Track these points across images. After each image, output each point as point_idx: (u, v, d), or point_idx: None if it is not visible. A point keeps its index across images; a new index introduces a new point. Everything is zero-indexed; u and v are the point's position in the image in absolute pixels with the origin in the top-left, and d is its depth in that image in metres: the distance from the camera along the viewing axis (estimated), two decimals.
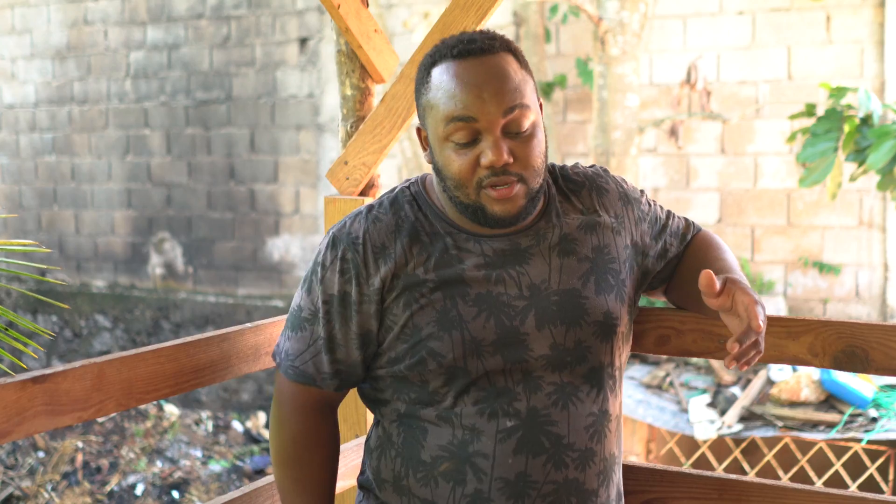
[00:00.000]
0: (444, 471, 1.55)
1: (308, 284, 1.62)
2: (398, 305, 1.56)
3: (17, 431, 1.47)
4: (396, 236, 1.58)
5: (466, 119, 1.49)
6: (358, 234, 1.58)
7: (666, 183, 6.26)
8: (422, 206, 1.62)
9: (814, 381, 4.68)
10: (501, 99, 1.50)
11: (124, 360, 1.65)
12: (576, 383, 1.58)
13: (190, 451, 6.62)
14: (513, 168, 1.51)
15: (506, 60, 1.53)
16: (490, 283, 1.56)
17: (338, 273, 1.58)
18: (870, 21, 5.70)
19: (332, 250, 1.59)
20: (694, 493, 1.90)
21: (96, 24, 8.22)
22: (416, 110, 1.61)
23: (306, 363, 1.61)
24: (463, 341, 1.53)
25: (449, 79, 1.52)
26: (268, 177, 7.59)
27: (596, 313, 1.60)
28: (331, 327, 1.59)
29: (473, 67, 1.51)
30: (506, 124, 1.50)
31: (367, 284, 1.56)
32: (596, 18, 5.25)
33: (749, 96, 6.00)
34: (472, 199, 1.53)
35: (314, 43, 7.35)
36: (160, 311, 8.05)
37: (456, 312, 1.54)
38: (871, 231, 5.77)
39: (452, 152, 1.52)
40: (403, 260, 1.56)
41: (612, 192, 1.71)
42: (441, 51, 1.56)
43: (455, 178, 1.53)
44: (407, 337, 1.55)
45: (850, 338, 1.76)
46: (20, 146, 8.68)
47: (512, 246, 1.59)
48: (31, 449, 6.41)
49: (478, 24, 2.16)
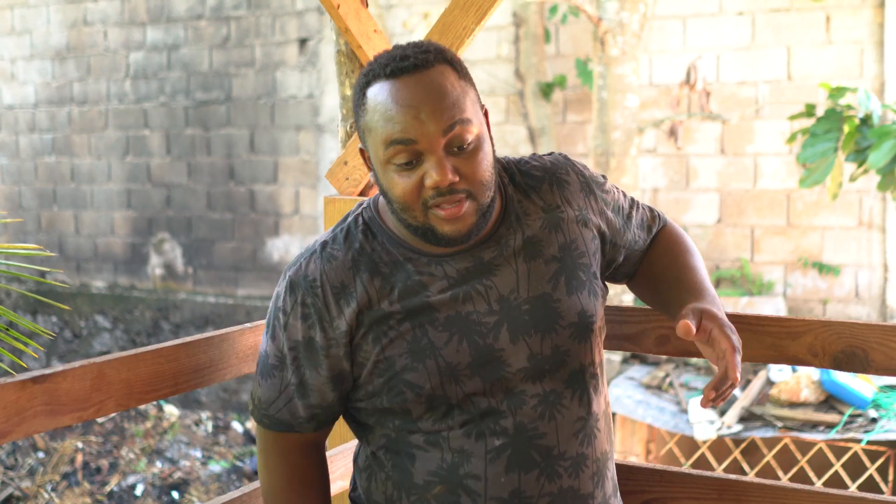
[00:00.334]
0: (437, 494, 1.53)
1: (272, 331, 1.57)
2: (367, 342, 1.52)
3: (16, 431, 1.47)
4: (355, 273, 1.53)
5: (406, 142, 1.44)
6: (315, 277, 1.53)
7: (665, 183, 6.26)
8: (377, 233, 1.57)
9: (813, 382, 4.68)
10: (440, 117, 1.43)
11: (124, 361, 1.64)
12: (559, 390, 1.55)
13: (190, 452, 6.62)
14: (459, 185, 1.45)
15: (442, 74, 1.47)
16: (458, 303, 1.52)
17: (300, 319, 1.53)
18: (869, 21, 5.70)
19: (292, 295, 1.54)
20: (693, 494, 1.90)
21: (96, 25, 8.22)
22: (357, 131, 1.55)
23: (280, 410, 1.58)
24: (438, 369, 1.50)
25: (384, 100, 1.46)
26: (267, 177, 7.59)
27: (570, 315, 1.57)
28: (301, 373, 1.55)
29: (408, 86, 1.45)
30: (447, 142, 1.44)
31: (332, 328, 1.52)
32: (595, 19, 5.25)
33: (749, 97, 6.00)
34: (420, 221, 1.48)
35: (314, 43, 7.35)
36: (160, 311, 8.04)
37: (427, 340, 1.50)
38: (870, 231, 5.77)
39: (395, 175, 1.47)
40: (366, 297, 1.52)
41: (574, 182, 1.65)
42: (374, 70, 1.49)
43: (400, 200, 1.47)
44: (382, 371, 1.52)
45: (850, 338, 1.76)
46: (20, 147, 8.68)
47: (475, 261, 1.54)
48: (30, 449, 6.41)
49: (478, 23, 2.16)
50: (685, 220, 6.20)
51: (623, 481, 1.95)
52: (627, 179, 5.38)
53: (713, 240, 6.14)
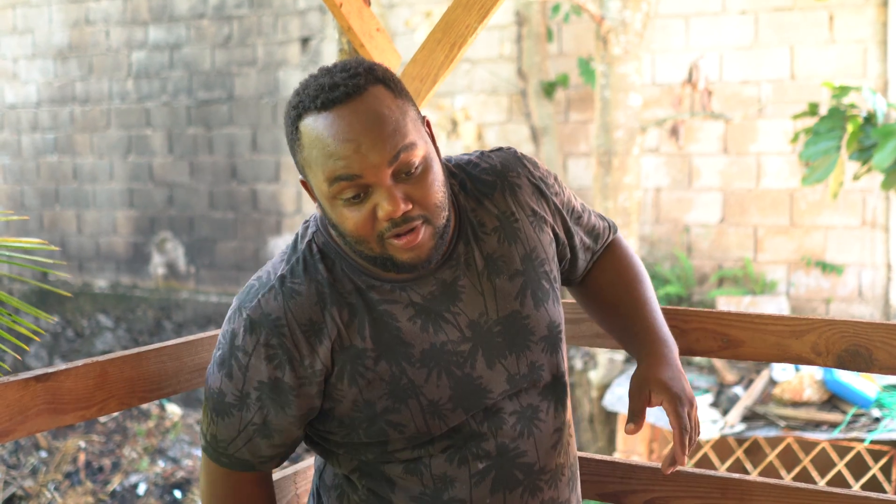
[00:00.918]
0: None
1: (228, 369, 1.45)
2: (342, 382, 1.44)
3: (19, 430, 1.47)
4: (322, 308, 1.43)
5: (350, 178, 1.35)
6: (279, 315, 1.42)
7: (668, 183, 6.25)
8: (335, 259, 1.47)
9: (816, 381, 4.68)
10: (382, 148, 1.35)
11: (127, 359, 1.64)
12: (535, 403, 1.54)
13: (192, 451, 6.62)
14: (413, 213, 1.38)
15: (377, 98, 1.38)
16: (430, 334, 1.46)
17: (264, 360, 1.42)
18: (873, 20, 5.70)
19: (252, 335, 1.42)
20: (697, 493, 1.90)
21: (98, 24, 8.22)
22: (296, 163, 1.45)
23: (240, 450, 1.49)
24: (421, 408, 1.45)
25: (319, 135, 1.37)
26: (269, 176, 7.59)
27: (540, 329, 1.54)
28: (265, 414, 1.45)
29: (343, 118, 1.36)
30: (394, 171, 1.36)
31: (303, 367, 1.43)
32: (598, 18, 5.25)
33: (752, 96, 5.99)
34: (377, 252, 1.41)
35: (316, 42, 7.34)
36: (162, 310, 8.05)
37: (407, 380, 1.44)
38: (874, 231, 5.76)
39: (344, 209, 1.38)
40: (337, 333, 1.43)
41: (525, 185, 1.58)
42: (304, 102, 1.39)
43: (353, 235, 1.40)
44: (360, 411, 1.45)
45: (854, 337, 1.75)
46: (22, 146, 8.68)
47: (438, 285, 1.48)
48: (33, 448, 6.41)
49: (480, 22, 2.15)
50: (688, 219, 6.20)
51: (626, 480, 1.95)
52: (630, 179, 5.38)
53: (716, 239, 6.14)
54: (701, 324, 1.87)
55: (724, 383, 5.03)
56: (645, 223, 6.25)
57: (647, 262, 6.23)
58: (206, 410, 1.51)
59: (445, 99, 6.79)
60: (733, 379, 5.02)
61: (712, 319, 1.86)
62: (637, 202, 5.44)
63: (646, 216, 6.26)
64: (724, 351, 1.86)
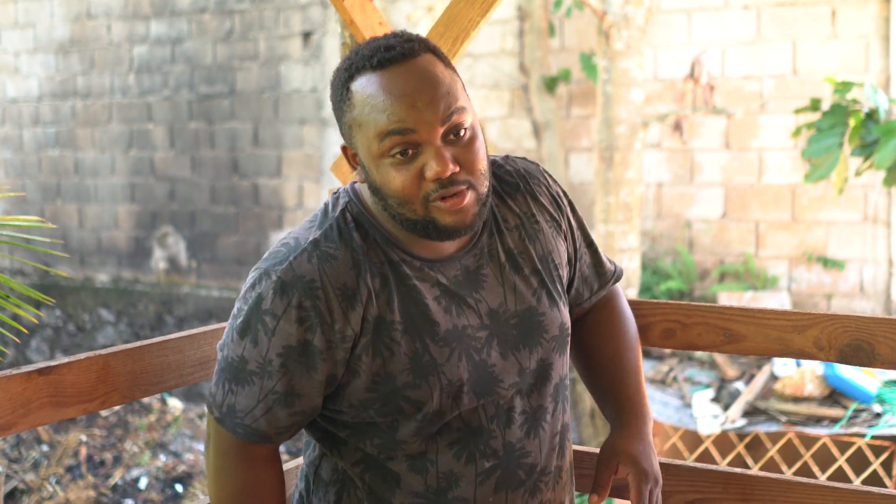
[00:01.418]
0: None
1: (253, 335, 1.43)
2: (367, 353, 1.43)
3: (22, 423, 1.47)
4: (357, 274, 1.44)
5: (403, 132, 1.37)
6: (314, 278, 1.41)
7: (670, 178, 6.25)
8: (369, 230, 1.48)
9: (818, 377, 4.68)
10: (437, 106, 1.38)
11: (129, 353, 1.65)
12: (544, 405, 1.55)
13: (193, 445, 6.62)
14: (460, 176, 1.40)
15: (430, 62, 1.41)
16: (452, 316, 1.47)
17: (295, 322, 1.41)
18: (875, 16, 5.69)
19: (283, 297, 1.41)
20: (699, 487, 1.90)
21: (99, 19, 8.21)
22: (341, 128, 1.47)
23: (257, 420, 1.46)
24: (441, 387, 1.45)
25: (375, 92, 1.39)
26: (271, 171, 7.59)
27: (553, 328, 1.57)
28: (289, 379, 1.44)
29: (399, 76, 1.39)
30: (445, 131, 1.39)
31: (334, 331, 1.42)
32: (600, 13, 5.24)
33: (754, 91, 5.99)
34: (420, 215, 1.41)
35: (318, 37, 7.34)
36: (164, 305, 8.05)
37: (429, 357, 1.45)
38: (875, 226, 5.76)
39: (392, 169, 1.39)
40: (371, 301, 1.43)
41: (544, 195, 1.62)
42: (357, 63, 1.42)
43: (398, 195, 1.40)
44: (378, 386, 1.44)
45: (856, 332, 1.75)
46: (23, 140, 8.68)
47: (463, 271, 1.50)
48: (34, 442, 6.42)
49: (483, 16, 2.15)
50: (689, 214, 6.19)
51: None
52: (632, 174, 5.37)
53: (718, 234, 6.13)
54: (703, 318, 1.87)
55: (726, 378, 5.03)
56: (646, 218, 6.25)
57: (649, 257, 6.23)
58: (221, 382, 1.48)
59: None
60: (734, 374, 5.02)
61: (714, 314, 1.86)
62: (639, 197, 5.43)
63: (647, 211, 6.26)
64: (726, 345, 1.86)
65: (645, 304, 1.94)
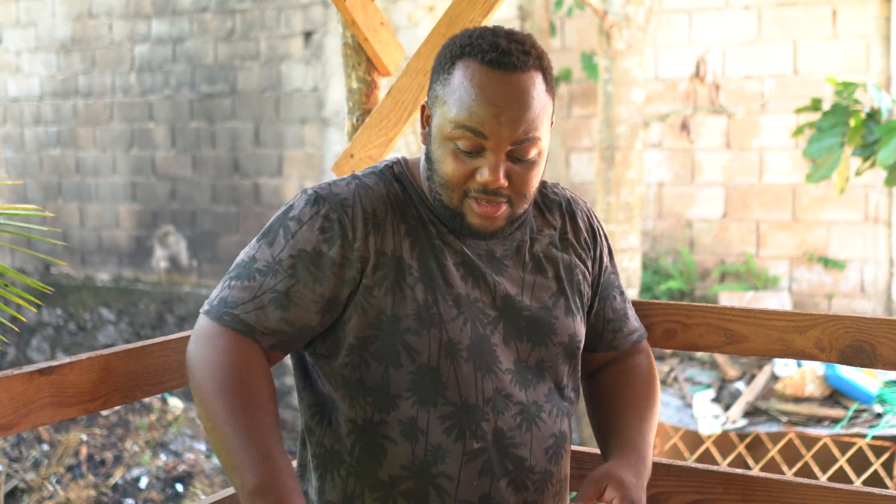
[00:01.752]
0: (404, 491, 1.50)
1: (272, 237, 1.49)
2: (380, 289, 1.47)
3: (23, 423, 1.47)
4: (388, 208, 1.51)
5: (476, 133, 1.44)
6: (347, 197, 1.49)
7: (671, 178, 6.25)
8: (407, 187, 1.56)
9: (818, 377, 4.68)
10: (516, 127, 1.43)
11: (131, 353, 1.65)
12: (539, 402, 1.56)
13: (194, 445, 6.63)
14: (505, 191, 1.47)
15: (533, 82, 1.45)
16: (468, 286, 1.52)
17: (317, 230, 1.47)
18: (876, 16, 5.69)
19: (313, 206, 1.49)
20: (700, 488, 1.90)
21: (101, 18, 8.22)
22: (430, 89, 1.53)
23: (248, 313, 1.46)
24: (440, 342, 1.48)
25: (471, 85, 1.44)
26: (272, 170, 7.59)
27: (562, 335, 1.59)
28: (292, 283, 1.46)
29: (499, 83, 1.43)
30: (511, 150, 1.45)
31: (351, 249, 1.47)
32: (601, 12, 5.24)
33: (755, 91, 5.99)
34: (454, 204, 1.49)
35: (319, 36, 7.34)
36: (164, 304, 8.05)
37: (437, 310, 1.49)
38: (876, 226, 5.76)
39: (450, 154, 1.46)
40: (392, 236, 1.49)
41: (583, 221, 1.69)
42: (472, 49, 1.46)
43: (445, 178, 1.48)
44: (382, 325, 1.48)
45: (858, 332, 1.75)
46: (25, 139, 8.68)
47: (488, 252, 1.56)
48: (35, 441, 6.42)
49: (484, 17, 2.15)
50: (690, 214, 6.19)
51: None
52: (633, 174, 5.37)
53: (718, 234, 6.13)
54: (704, 319, 1.87)
55: (726, 378, 5.03)
56: (647, 218, 6.25)
57: (650, 256, 6.23)
58: (223, 281, 1.51)
59: None
60: (735, 374, 5.02)
61: (716, 314, 1.87)
62: (639, 197, 5.43)
63: (648, 211, 6.26)
64: (727, 346, 1.86)
65: (646, 304, 1.94)
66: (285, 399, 7.34)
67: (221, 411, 1.40)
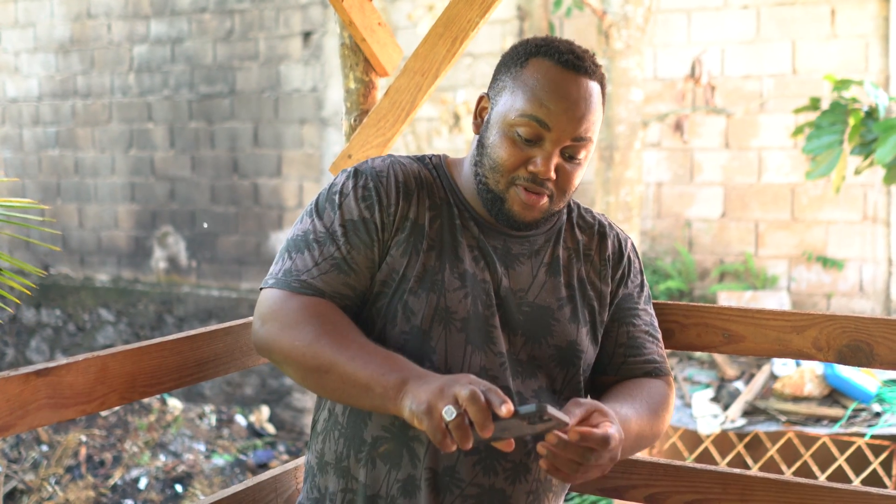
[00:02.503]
0: (382, 452, 1.53)
1: (319, 210, 1.58)
2: (398, 249, 1.56)
3: (20, 424, 1.47)
4: (419, 186, 1.60)
5: (542, 124, 1.52)
6: (382, 169, 1.60)
7: (670, 177, 6.25)
8: (440, 175, 1.65)
9: (817, 376, 4.68)
10: (579, 124, 1.53)
11: (128, 354, 1.64)
12: (527, 395, 1.56)
13: (193, 445, 6.62)
14: (549, 183, 1.55)
15: (597, 92, 1.57)
16: (478, 268, 1.58)
17: (359, 200, 1.57)
18: (875, 15, 5.69)
19: (353, 179, 1.59)
20: (698, 488, 1.90)
21: (100, 18, 8.21)
22: (494, 81, 1.61)
23: (315, 278, 1.53)
24: (436, 306, 1.53)
25: (547, 80, 1.54)
26: (271, 171, 7.59)
27: (560, 338, 1.60)
28: (349, 248, 1.54)
29: (572, 82, 1.54)
30: (567, 147, 1.54)
31: (388, 214, 1.56)
32: (600, 12, 5.24)
33: (753, 90, 5.99)
34: (499, 188, 1.56)
35: (318, 37, 7.34)
36: (163, 305, 8.05)
37: (441, 278, 1.55)
38: (875, 226, 5.76)
39: (508, 140, 1.54)
40: (418, 206, 1.58)
41: (613, 247, 1.72)
42: (550, 48, 1.56)
43: (497, 161, 1.55)
44: (390, 281, 1.55)
45: (855, 332, 1.75)
46: (23, 140, 8.68)
47: (504, 247, 1.62)
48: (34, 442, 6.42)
49: (482, 16, 2.15)
50: (689, 214, 6.19)
51: (627, 476, 1.95)
52: (631, 173, 5.37)
53: (717, 234, 6.13)
54: (702, 319, 1.87)
55: (725, 378, 5.03)
56: (646, 218, 6.25)
57: (649, 256, 6.23)
58: (279, 258, 1.58)
59: (447, 93, 6.79)
60: (734, 374, 5.02)
61: (713, 314, 1.87)
62: (638, 197, 5.44)
63: (647, 211, 6.26)
64: (725, 346, 1.86)
65: None
66: (285, 399, 7.34)
67: (329, 351, 1.44)
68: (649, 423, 1.60)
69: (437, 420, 1.30)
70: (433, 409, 1.30)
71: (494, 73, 1.63)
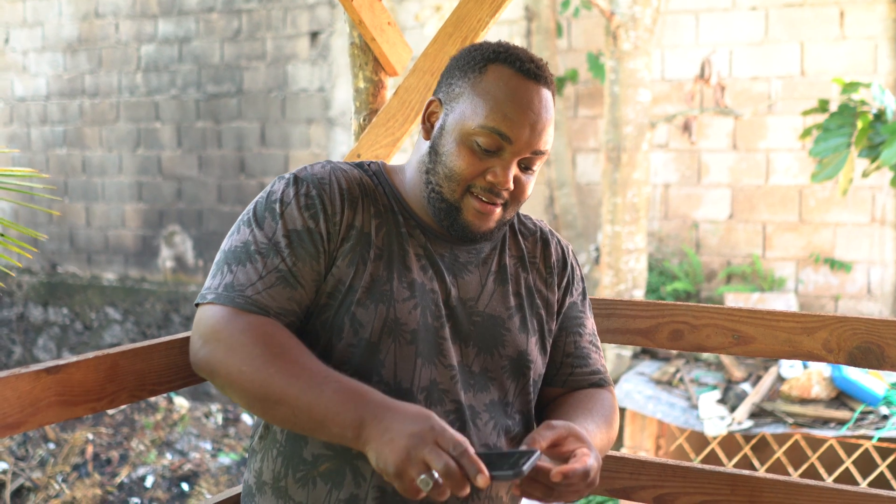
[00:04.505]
0: (323, 471, 1.48)
1: (258, 220, 1.49)
2: (345, 260, 1.48)
3: (30, 422, 1.47)
4: (361, 192, 1.54)
5: (504, 137, 1.48)
6: (324, 176, 1.53)
7: (677, 179, 6.24)
8: (381, 182, 1.59)
9: (825, 378, 4.67)
10: (539, 138, 1.50)
11: (137, 352, 1.64)
12: (478, 409, 1.53)
13: (199, 444, 6.63)
14: (505, 194, 1.52)
15: (551, 100, 1.55)
16: (426, 278, 1.53)
17: (303, 209, 1.49)
18: (883, 17, 5.67)
19: (293, 187, 1.51)
20: (706, 489, 1.89)
21: (107, 18, 8.23)
22: (447, 86, 1.55)
23: (259, 293, 1.44)
24: (386, 318, 1.47)
25: (509, 89, 1.50)
26: (278, 170, 7.59)
27: (511, 349, 1.58)
28: (294, 260, 1.46)
29: (533, 94, 1.51)
30: (524, 158, 1.51)
31: (332, 223, 1.49)
32: (608, 13, 5.23)
33: (761, 92, 5.98)
34: (454, 198, 1.51)
35: (325, 37, 7.34)
36: (170, 303, 8.06)
37: (389, 288, 1.49)
38: (883, 228, 5.74)
39: (467, 150, 1.49)
40: (363, 213, 1.52)
41: (557, 254, 1.70)
42: (509, 56, 1.53)
43: (453, 170, 1.50)
44: (337, 294, 1.48)
45: (866, 334, 1.75)
46: (31, 139, 8.70)
47: (451, 255, 1.57)
48: (41, 440, 6.43)
49: (492, 16, 2.15)
50: (696, 215, 6.19)
51: (636, 476, 1.95)
52: (639, 174, 5.37)
53: (725, 235, 6.12)
54: (712, 320, 1.87)
55: (732, 380, 5.02)
56: (653, 219, 6.24)
57: (656, 258, 6.23)
58: (216, 270, 1.49)
59: None
60: (741, 375, 5.01)
61: (724, 316, 1.86)
62: (646, 198, 5.43)
63: (654, 212, 6.25)
64: (734, 347, 1.86)
65: (653, 304, 1.94)
66: None
67: (279, 380, 1.37)
68: (607, 435, 1.62)
69: (408, 483, 1.27)
70: (403, 474, 1.27)
71: (445, 77, 1.56)
